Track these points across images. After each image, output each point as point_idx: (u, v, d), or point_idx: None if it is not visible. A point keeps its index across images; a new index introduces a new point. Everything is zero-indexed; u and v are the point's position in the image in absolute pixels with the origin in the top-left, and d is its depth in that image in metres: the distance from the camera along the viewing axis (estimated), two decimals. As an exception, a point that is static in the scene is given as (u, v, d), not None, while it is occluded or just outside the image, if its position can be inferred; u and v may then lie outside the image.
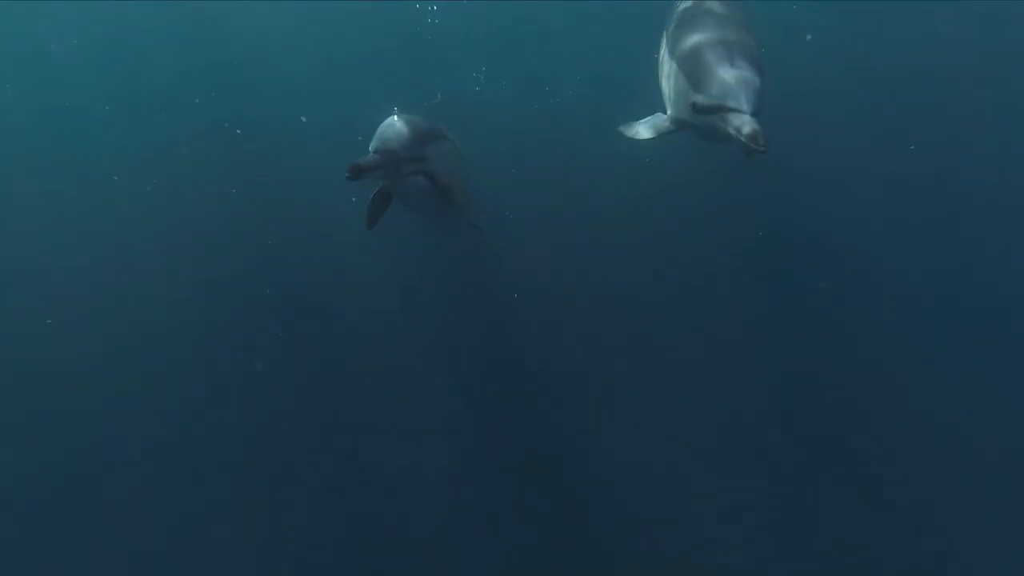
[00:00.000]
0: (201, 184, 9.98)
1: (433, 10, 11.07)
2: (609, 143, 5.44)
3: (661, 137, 4.91)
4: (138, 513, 7.73)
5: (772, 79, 4.35)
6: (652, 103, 5.23)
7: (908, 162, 8.86)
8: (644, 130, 4.93)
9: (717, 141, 4.87)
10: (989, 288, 8.50)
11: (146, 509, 7.78)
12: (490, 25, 11.22)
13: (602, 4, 9.80)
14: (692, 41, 4.63)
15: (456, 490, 7.93)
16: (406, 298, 9.26)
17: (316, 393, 8.77)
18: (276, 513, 7.90)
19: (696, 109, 4.20)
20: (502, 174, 9.41)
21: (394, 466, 8.13)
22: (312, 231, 9.08)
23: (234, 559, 7.48)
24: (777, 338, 8.58)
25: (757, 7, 5.26)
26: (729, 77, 4.13)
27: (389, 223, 5.60)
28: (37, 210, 10.26)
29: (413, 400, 8.53)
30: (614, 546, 7.39)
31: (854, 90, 8.96)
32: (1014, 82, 9.17)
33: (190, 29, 10.79)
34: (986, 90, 9.18)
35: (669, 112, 4.94)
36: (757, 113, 4.01)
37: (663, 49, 5.20)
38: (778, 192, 8.95)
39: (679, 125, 4.80)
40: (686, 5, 5.13)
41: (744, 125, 3.87)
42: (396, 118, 5.07)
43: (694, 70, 4.41)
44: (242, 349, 8.98)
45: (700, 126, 4.39)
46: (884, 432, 7.89)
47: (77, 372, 8.66)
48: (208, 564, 7.46)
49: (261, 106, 10.56)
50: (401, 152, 4.90)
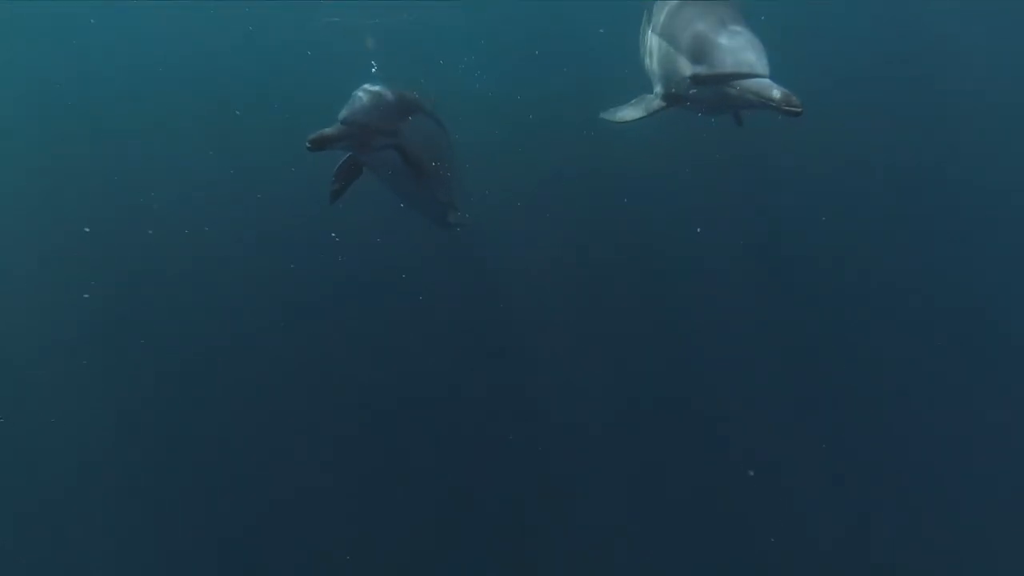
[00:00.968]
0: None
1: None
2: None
3: (651, 116, 4.70)
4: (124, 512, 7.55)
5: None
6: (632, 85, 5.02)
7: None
8: (632, 111, 4.71)
9: (722, 111, 4.66)
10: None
11: (133, 506, 7.65)
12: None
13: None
14: (680, 14, 4.45)
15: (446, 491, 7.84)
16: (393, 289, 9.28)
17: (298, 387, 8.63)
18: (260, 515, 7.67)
19: (698, 80, 4.00)
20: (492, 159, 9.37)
21: (382, 462, 8.05)
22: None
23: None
24: (774, 334, 8.59)
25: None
26: (734, 43, 3.91)
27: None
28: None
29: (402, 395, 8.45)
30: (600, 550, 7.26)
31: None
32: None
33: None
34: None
35: (658, 89, 4.71)
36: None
37: (646, 27, 5.02)
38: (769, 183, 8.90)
39: (672, 101, 4.58)
40: None
41: (771, 89, 3.61)
42: (369, 87, 4.69)
43: (689, 42, 4.19)
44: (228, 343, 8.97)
45: (702, 98, 4.20)
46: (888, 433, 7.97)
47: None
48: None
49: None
50: (371, 124, 4.52)
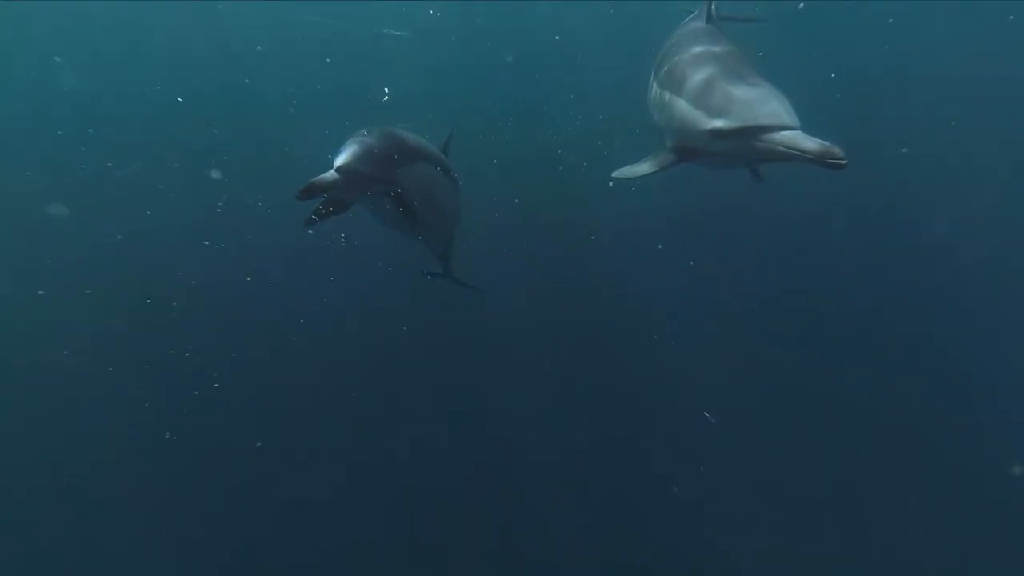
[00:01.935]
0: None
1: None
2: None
3: (664, 171, 4.53)
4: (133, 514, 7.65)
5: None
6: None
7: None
8: (644, 167, 4.54)
9: (740, 165, 4.55)
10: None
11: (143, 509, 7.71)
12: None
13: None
14: (692, 66, 4.38)
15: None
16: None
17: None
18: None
19: (718, 135, 3.90)
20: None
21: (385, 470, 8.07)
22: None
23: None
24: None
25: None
26: (755, 95, 3.78)
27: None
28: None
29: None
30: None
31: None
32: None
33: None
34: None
35: (670, 144, 4.53)
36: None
37: (653, 80, 4.88)
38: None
39: (686, 155, 4.41)
40: (671, 39, 5.02)
41: (806, 141, 3.48)
42: (367, 132, 4.42)
43: (705, 95, 4.07)
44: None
45: (723, 153, 4.08)
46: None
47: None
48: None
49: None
50: (368, 171, 4.24)
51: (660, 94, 4.65)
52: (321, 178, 4.04)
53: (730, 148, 3.94)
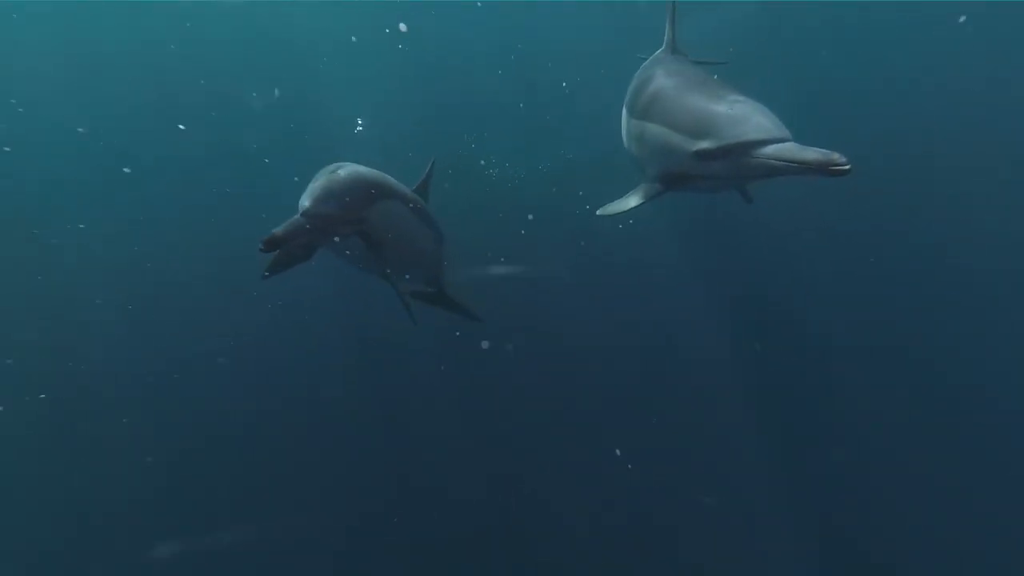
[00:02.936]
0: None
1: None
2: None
3: (650, 201, 4.41)
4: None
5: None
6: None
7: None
8: (631, 201, 4.41)
9: (729, 186, 4.44)
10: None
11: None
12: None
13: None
14: (667, 94, 4.31)
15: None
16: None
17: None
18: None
19: (705, 156, 3.75)
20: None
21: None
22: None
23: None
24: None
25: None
26: (738, 111, 3.67)
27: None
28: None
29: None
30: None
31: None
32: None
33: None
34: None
35: (652, 174, 4.42)
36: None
37: (628, 118, 4.81)
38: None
39: (672, 183, 4.27)
40: (639, 75, 4.99)
41: (804, 151, 3.35)
42: (333, 171, 4.20)
43: (685, 118, 3.96)
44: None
45: (711, 174, 3.91)
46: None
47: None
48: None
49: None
50: (335, 214, 4.01)
51: (638, 126, 4.54)
52: (286, 226, 3.78)
53: (720, 169, 3.78)
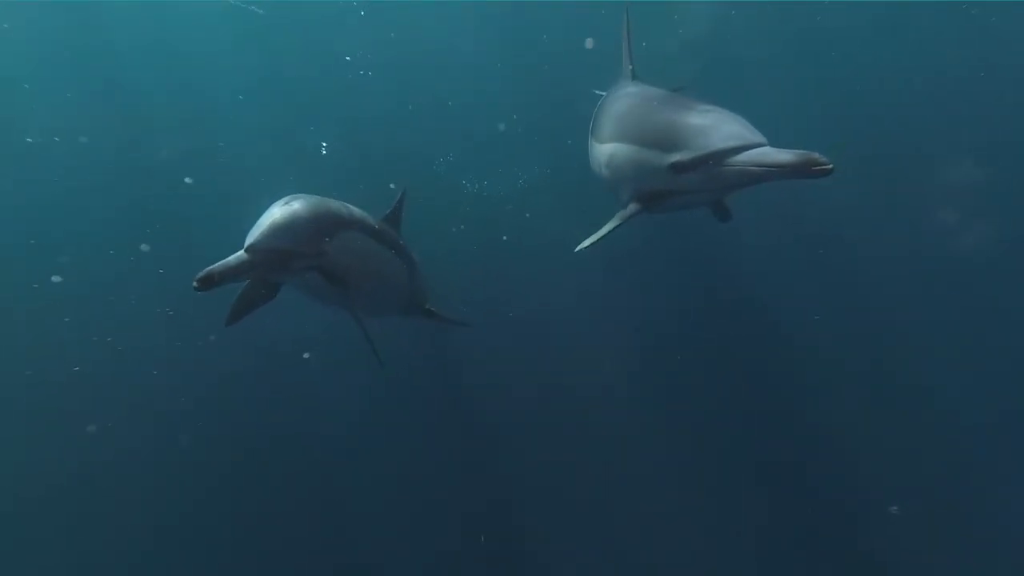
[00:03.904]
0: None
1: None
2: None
3: (627, 223, 4.25)
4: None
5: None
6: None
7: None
8: (609, 226, 4.24)
9: (711, 197, 4.27)
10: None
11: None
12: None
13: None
14: (633, 113, 4.24)
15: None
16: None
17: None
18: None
19: (680, 168, 3.60)
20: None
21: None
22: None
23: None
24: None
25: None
26: (710, 120, 3.57)
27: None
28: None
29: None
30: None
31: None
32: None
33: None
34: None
35: (627, 196, 4.26)
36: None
37: (595, 144, 4.71)
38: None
39: (648, 202, 4.10)
40: (604, 101, 4.97)
41: (783, 154, 3.25)
42: (289, 202, 3.92)
43: (655, 133, 3.85)
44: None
45: (687, 188, 3.77)
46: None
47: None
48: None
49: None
50: (286, 248, 3.72)
51: (606, 150, 4.40)
52: (226, 263, 3.47)
53: (696, 182, 3.63)
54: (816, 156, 3.07)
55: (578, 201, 5.48)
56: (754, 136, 3.40)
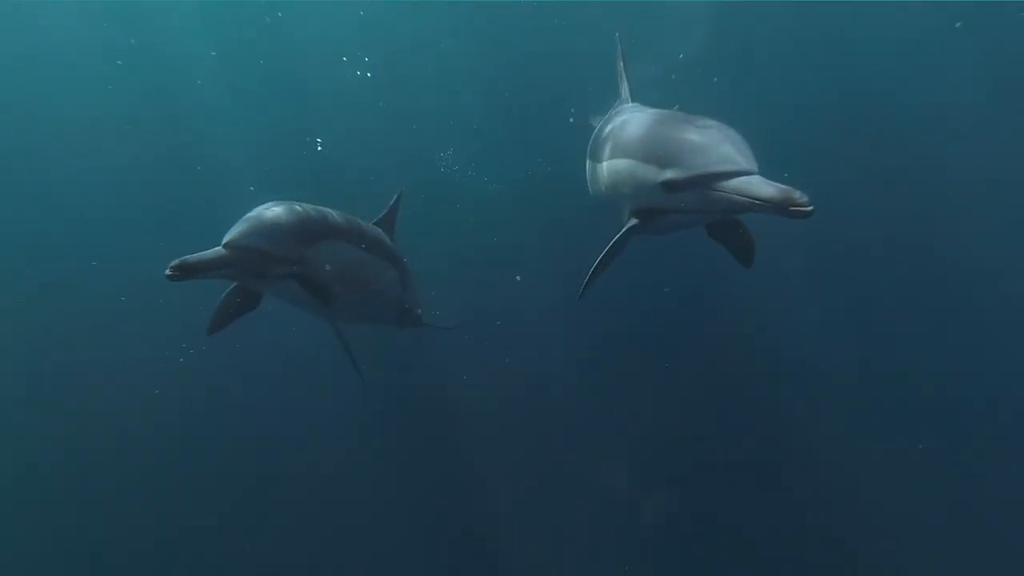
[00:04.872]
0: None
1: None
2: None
3: (625, 237, 4.05)
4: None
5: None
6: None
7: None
8: (604, 252, 4.01)
9: (703, 219, 3.98)
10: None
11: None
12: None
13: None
14: (634, 129, 4.02)
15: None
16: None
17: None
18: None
19: (671, 187, 3.46)
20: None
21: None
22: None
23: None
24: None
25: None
26: (705, 138, 3.39)
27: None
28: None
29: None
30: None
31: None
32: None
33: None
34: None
35: (625, 213, 4.08)
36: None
37: (594, 164, 4.60)
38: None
39: (645, 219, 3.91)
40: (602, 123, 4.83)
41: (763, 186, 3.09)
42: (271, 205, 3.86)
43: (653, 146, 3.67)
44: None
45: (680, 207, 3.60)
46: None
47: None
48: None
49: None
50: (265, 250, 3.64)
51: (605, 167, 4.25)
52: (202, 254, 3.40)
53: (689, 202, 3.49)
54: (796, 196, 2.95)
55: (579, 201, 5.32)
56: (746, 162, 3.23)
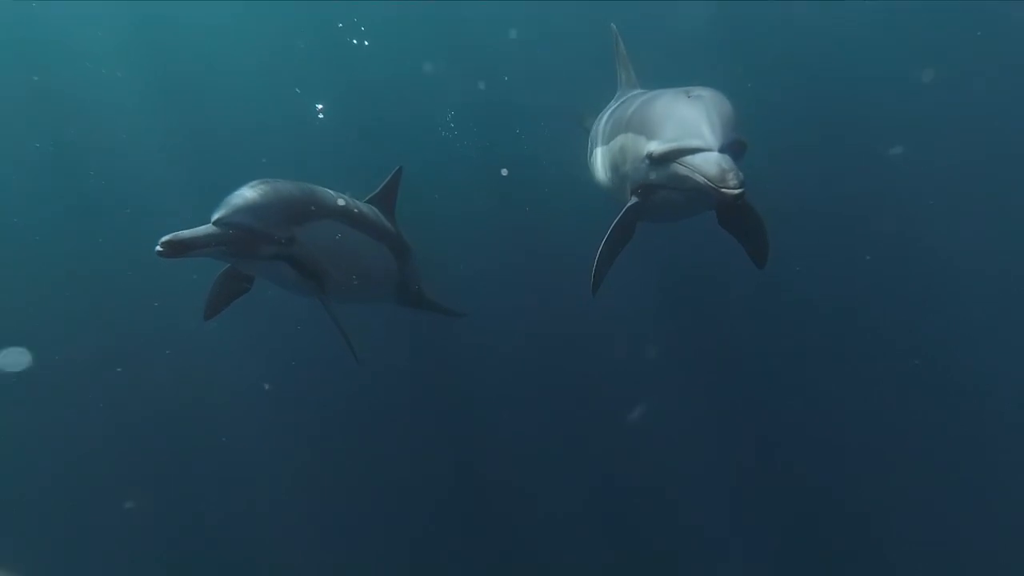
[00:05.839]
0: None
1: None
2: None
3: (627, 215, 3.91)
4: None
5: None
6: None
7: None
8: (604, 239, 3.86)
9: (694, 198, 3.66)
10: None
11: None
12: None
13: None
14: (634, 107, 3.94)
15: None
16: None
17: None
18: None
19: (653, 159, 3.38)
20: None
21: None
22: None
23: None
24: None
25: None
26: (686, 111, 3.32)
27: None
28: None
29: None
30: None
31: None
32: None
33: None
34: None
35: (625, 192, 3.96)
36: (730, 149, 3.15)
37: (595, 149, 4.58)
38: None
39: (644, 195, 3.75)
40: (603, 111, 4.83)
41: (709, 164, 3.02)
42: (260, 183, 3.79)
43: (644, 122, 3.61)
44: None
45: (665, 183, 3.47)
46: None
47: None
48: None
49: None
50: (255, 228, 3.59)
51: (606, 149, 4.21)
52: (193, 231, 3.37)
53: (665, 178, 3.39)
54: (730, 178, 2.88)
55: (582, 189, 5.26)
56: (709, 136, 3.10)
